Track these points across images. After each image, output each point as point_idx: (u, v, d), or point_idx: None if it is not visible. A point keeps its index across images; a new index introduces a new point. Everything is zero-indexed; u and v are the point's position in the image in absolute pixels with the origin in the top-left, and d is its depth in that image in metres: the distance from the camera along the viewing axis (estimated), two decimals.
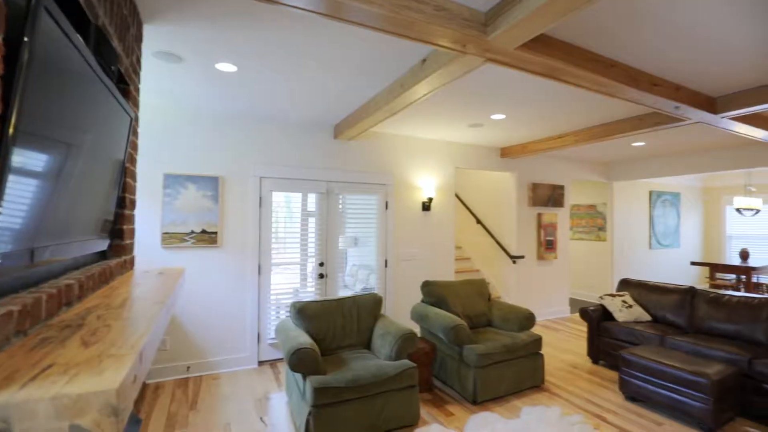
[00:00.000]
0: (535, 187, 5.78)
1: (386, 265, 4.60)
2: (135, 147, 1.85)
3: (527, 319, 3.59)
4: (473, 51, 2.15)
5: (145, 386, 3.43)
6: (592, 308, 4.18)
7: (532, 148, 5.10)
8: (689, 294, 3.94)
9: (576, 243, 7.59)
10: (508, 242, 5.77)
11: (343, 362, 2.83)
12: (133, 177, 1.87)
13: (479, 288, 4.01)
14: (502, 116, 3.92)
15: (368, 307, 3.30)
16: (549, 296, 6.01)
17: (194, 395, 3.27)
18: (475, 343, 3.27)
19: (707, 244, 8.74)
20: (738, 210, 6.60)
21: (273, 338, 4.01)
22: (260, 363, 3.99)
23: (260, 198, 3.96)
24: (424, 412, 3.03)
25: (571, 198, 7.71)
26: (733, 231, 8.39)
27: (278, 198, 4.13)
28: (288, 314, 4.12)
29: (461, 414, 3.00)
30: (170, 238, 3.54)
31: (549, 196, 5.94)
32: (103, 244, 1.47)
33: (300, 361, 2.52)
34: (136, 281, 1.53)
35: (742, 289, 6.48)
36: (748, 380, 3.03)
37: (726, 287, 6.68)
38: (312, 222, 4.23)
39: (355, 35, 2.29)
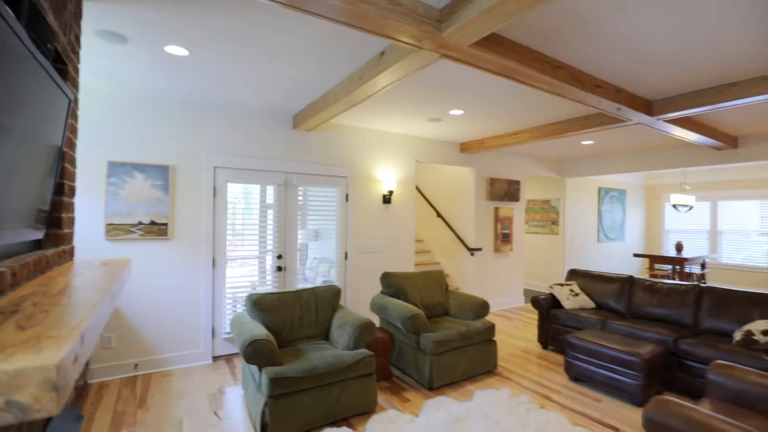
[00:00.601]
0: (492, 181, 5.99)
1: (346, 258, 4.62)
2: (74, 131, 1.76)
3: (482, 308, 3.75)
4: (429, 46, 2.21)
5: (87, 386, 3.26)
6: (542, 297, 4.42)
7: (489, 143, 5.28)
8: (628, 282, 4.26)
9: (531, 236, 7.95)
10: (466, 235, 5.96)
11: (300, 353, 2.83)
12: (72, 162, 1.77)
13: (437, 279, 4.13)
14: (460, 112, 4.03)
15: (327, 299, 3.31)
16: (504, 287, 6.28)
17: (143, 393, 3.15)
18: (431, 331, 3.37)
19: (648, 237, 9.44)
20: (674, 206, 7.18)
21: (228, 333, 3.93)
22: (215, 358, 3.90)
23: (214, 188, 3.85)
24: (382, 399, 3.10)
25: (527, 193, 8.05)
26: (671, 226, 9.11)
27: (236, 190, 4.04)
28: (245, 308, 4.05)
29: (417, 399, 3.10)
30: (115, 230, 3.37)
31: (506, 190, 6.18)
32: (37, 233, 1.40)
33: (255, 353, 2.50)
34: (76, 271, 1.47)
35: (677, 278, 7.07)
36: (674, 358, 3.34)
37: (663, 276, 7.26)
38: (271, 214, 4.17)
39: (313, 25, 2.28)
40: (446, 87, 3.31)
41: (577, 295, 4.37)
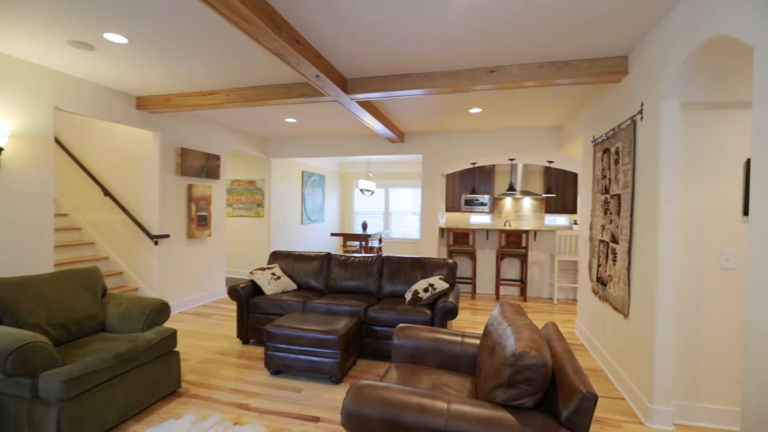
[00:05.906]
0: (185, 153, 4.90)
1: None
2: None
3: (158, 312, 2.78)
4: None
5: None
6: (241, 285, 3.85)
7: (177, 102, 4.20)
8: (326, 259, 4.31)
9: (236, 220, 7.30)
10: (148, 219, 4.63)
11: None
12: None
13: (86, 281, 2.80)
14: (123, 39, 2.82)
15: None
16: (202, 279, 5.36)
17: None
18: (63, 364, 2.14)
19: (343, 218, 10.69)
20: (361, 191, 8.26)
21: None
22: None
23: None
24: None
25: (232, 173, 7.33)
26: (359, 208, 10.64)
27: None
28: None
29: None
30: None
31: (203, 165, 5.22)
32: None
33: None
34: None
35: (362, 252, 8.21)
36: (364, 326, 3.52)
37: (354, 251, 8.27)
38: None
39: None
40: None
41: (279, 278, 4.06)
